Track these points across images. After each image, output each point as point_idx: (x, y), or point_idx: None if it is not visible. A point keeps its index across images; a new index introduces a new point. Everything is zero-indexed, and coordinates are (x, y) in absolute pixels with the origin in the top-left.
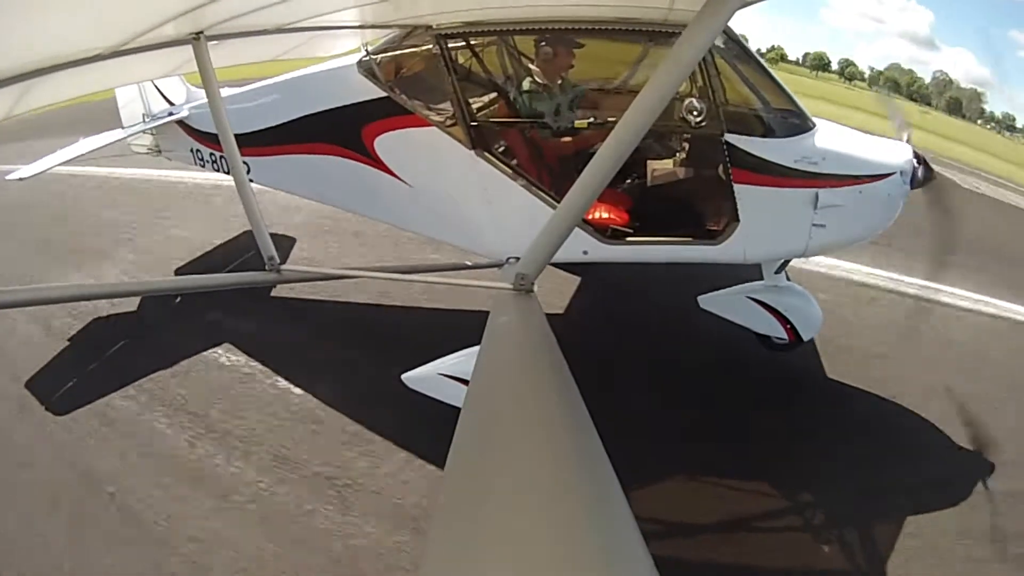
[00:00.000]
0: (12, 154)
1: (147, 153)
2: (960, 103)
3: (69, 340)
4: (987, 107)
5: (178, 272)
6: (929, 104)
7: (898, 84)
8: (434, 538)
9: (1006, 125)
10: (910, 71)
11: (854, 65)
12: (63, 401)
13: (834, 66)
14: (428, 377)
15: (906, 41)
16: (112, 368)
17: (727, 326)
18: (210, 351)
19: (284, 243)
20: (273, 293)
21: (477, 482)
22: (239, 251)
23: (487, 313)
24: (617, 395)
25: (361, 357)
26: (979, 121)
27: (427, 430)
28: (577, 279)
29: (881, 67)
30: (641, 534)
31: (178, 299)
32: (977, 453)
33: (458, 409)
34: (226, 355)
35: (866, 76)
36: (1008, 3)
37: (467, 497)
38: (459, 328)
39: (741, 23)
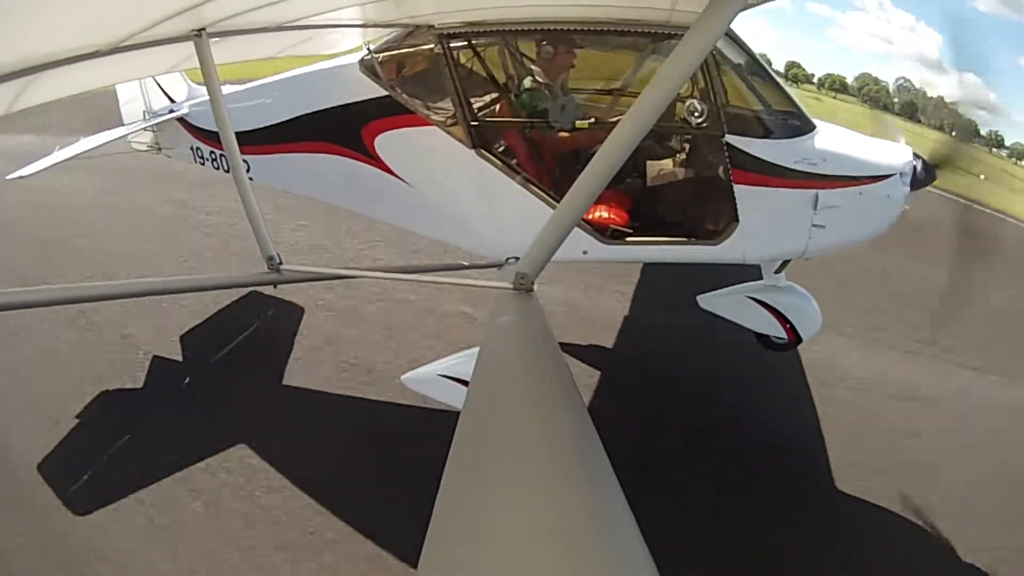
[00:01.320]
0: None
1: (147, 151)
2: (916, 107)
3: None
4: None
5: (184, 337)
6: (886, 108)
7: (845, 86)
8: (433, 538)
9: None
10: (875, 79)
11: (800, 67)
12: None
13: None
14: (427, 378)
15: (916, 63)
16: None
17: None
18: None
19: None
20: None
21: (477, 482)
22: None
23: (487, 313)
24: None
25: (357, 362)
26: (952, 133)
27: (426, 430)
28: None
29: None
30: (641, 534)
31: (187, 380)
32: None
33: (457, 411)
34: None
35: (814, 79)
36: (1018, 29)
37: (467, 497)
38: (458, 328)
39: (747, 37)
